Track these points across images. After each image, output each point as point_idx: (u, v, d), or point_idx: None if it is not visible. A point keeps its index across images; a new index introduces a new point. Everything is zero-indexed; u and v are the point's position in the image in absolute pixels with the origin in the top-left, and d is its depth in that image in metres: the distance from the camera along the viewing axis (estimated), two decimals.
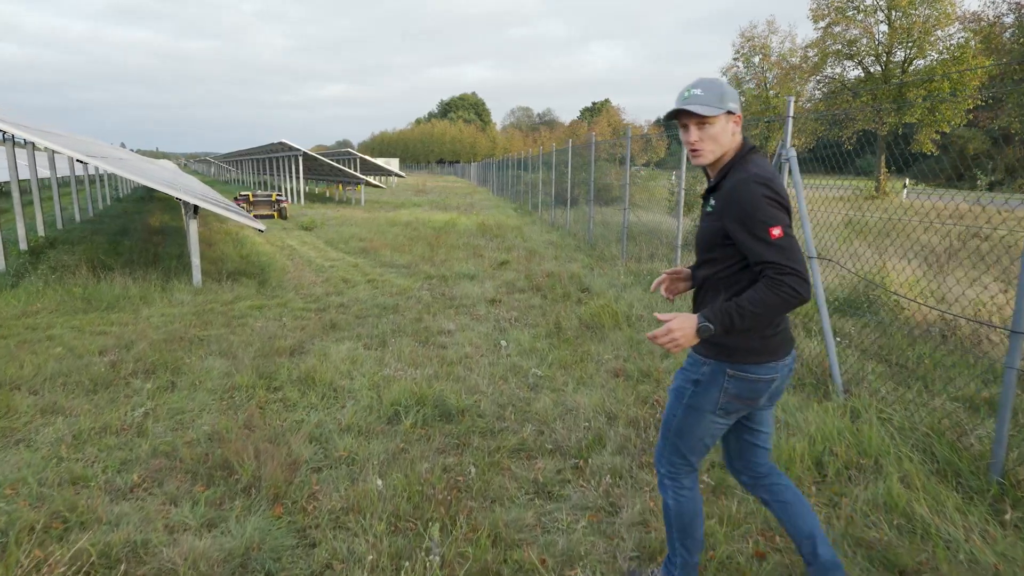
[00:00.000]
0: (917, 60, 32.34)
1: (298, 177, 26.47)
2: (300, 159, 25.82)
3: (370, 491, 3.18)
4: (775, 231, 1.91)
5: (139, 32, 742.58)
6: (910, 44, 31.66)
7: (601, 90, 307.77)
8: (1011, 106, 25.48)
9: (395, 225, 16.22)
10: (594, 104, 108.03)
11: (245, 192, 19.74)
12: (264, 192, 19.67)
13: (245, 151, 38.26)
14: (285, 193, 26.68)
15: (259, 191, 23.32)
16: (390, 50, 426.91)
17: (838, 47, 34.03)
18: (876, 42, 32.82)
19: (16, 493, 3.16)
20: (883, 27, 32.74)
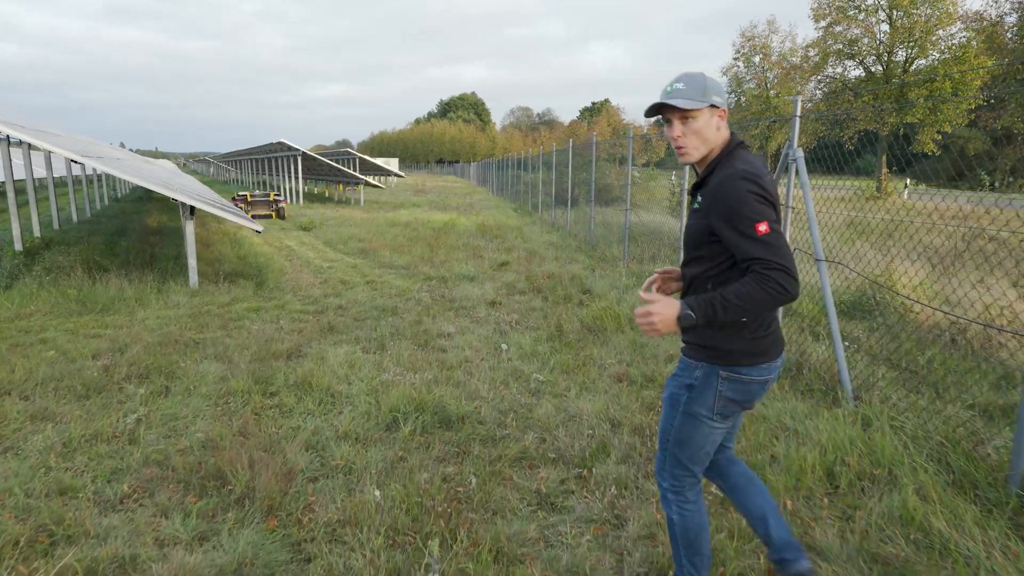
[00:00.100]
0: (919, 60, 32.22)
1: (297, 177, 26.37)
2: (299, 159, 25.73)
3: (368, 502, 3.08)
4: (761, 227, 1.86)
5: (139, 32, 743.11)
6: (911, 44, 31.54)
7: (601, 90, 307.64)
8: (1014, 106, 25.38)
9: (394, 225, 16.11)
10: (594, 104, 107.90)
11: (243, 192, 19.65)
12: (262, 192, 19.59)
13: (244, 151, 38.14)
14: (284, 193, 26.59)
15: (257, 191, 23.23)
16: (390, 50, 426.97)
17: (839, 47, 33.90)
18: (877, 42, 32.68)
19: (2, 505, 3.06)
20: (884, 26, 32.60)
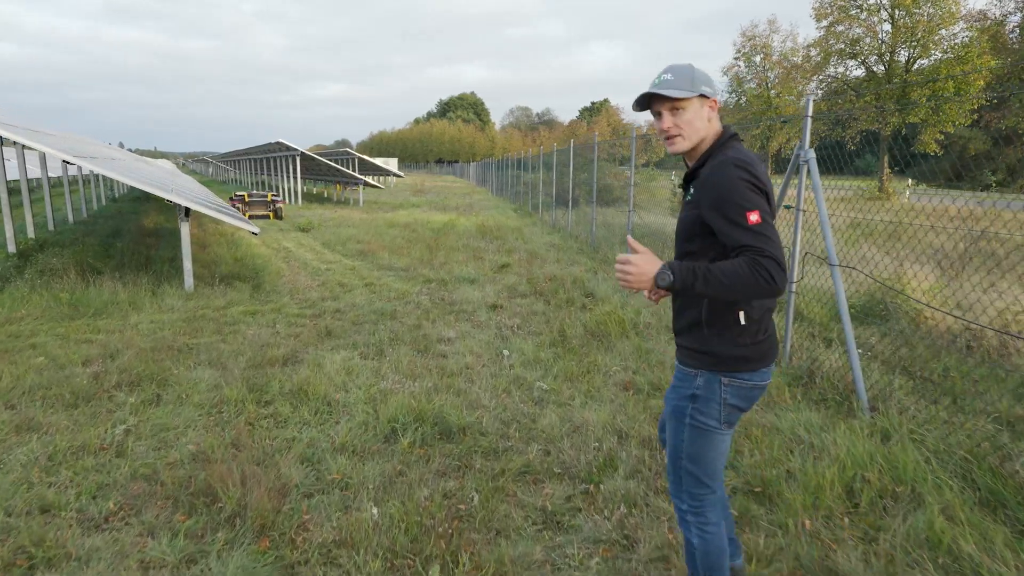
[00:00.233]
0: (921, 60, 32.06)
1: (295, 177, 26.21)
2: (297, 159, 25.57)
3: (365, 521, 2.93)
4: (752, 216, 1.80)
5: (139, 32, 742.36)
6: (914, 43, 31.38)
7: (600, 90, 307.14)
8: (1018, 106, 25.22)
9: (393, 226, 15.96)
10: (593, 104, 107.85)
11: (240, 192, 19.50)
12: (260, 192, 19.44)
13: (243, 151, 37.97)
14: (282, 193, 26.44)
15: (255, 191, 23.08)
16: (390, 50, 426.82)
17: (841, 46, 33.77)
18: (879, 41, 32.55)
19: None
20: (886, 26, 32.49)
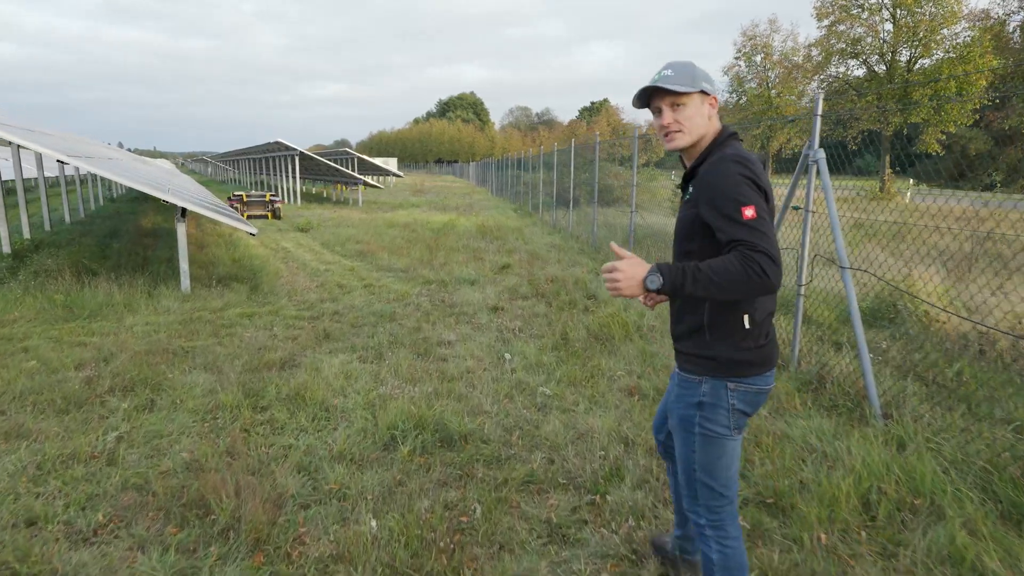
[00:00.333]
0: (922, 59, 31.95)
1: (294, 177, 26.09)
2: (296, 159, 25.45)
3: (363, 534, 2.83)
4: (747, 211, 1.76)
5: (138, 32, 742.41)
6: (915, 43, 31.28)
7: (600, 90, 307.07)
8: (1020, 106, 25.11)
9: (393, 226, 15.84)
10: (593, 104, 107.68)
11: (239, 192, 19.39)
12: (258, 192, 19.33)
13: (242, 151, 37.84)
14: (281, 193, 26.31)
15: (253, 191, 22.97)
16: (389, 50, 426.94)
17: (842, 46, 33.66)
18: (881, 40, 32.44)
19: None
20: (888, 25, 32.39)
